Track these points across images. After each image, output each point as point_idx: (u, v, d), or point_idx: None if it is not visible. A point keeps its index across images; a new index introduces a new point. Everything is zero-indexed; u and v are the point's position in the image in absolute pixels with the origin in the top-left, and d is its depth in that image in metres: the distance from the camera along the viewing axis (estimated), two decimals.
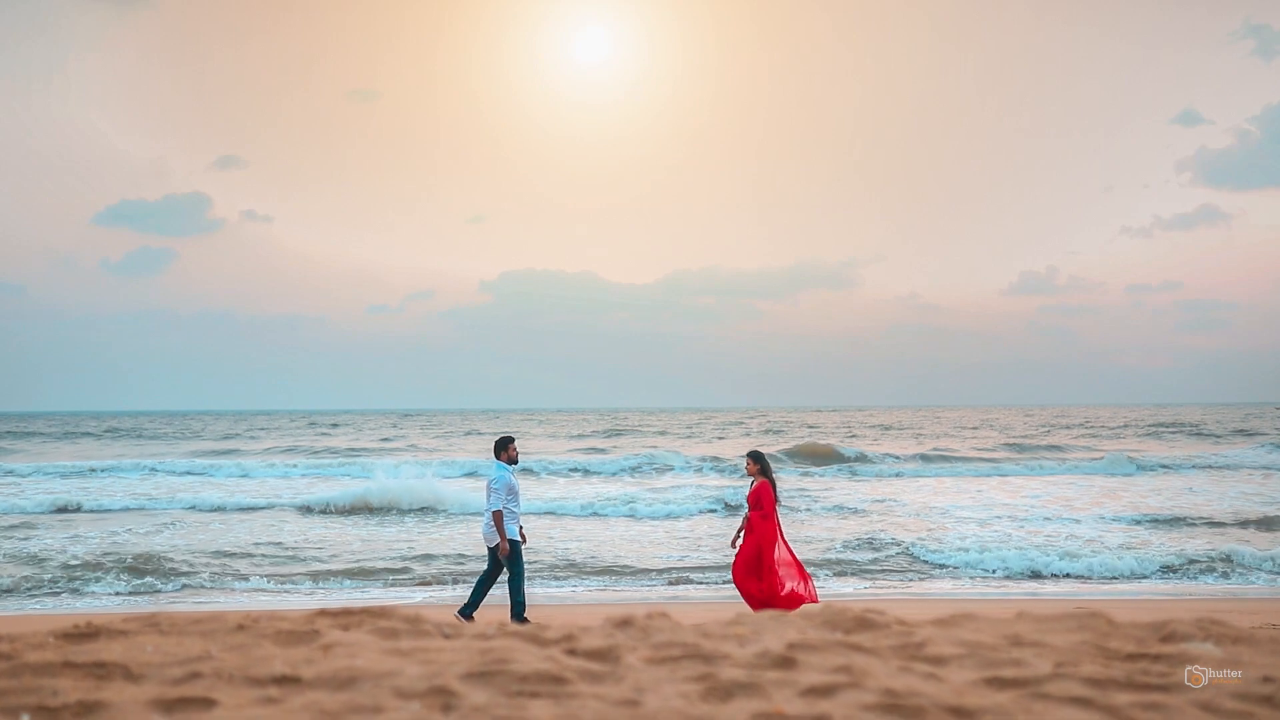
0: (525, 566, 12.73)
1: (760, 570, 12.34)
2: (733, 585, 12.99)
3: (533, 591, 16.69)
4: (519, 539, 12.38)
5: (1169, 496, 29.25)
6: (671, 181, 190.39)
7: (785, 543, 12.60)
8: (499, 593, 12.82)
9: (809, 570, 14.05)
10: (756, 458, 12.83)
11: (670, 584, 17.32)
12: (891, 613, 3.21)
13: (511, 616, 12.25)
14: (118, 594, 16.46)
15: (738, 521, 24.49)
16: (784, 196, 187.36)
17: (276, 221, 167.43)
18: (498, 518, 12.19)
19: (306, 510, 27.40)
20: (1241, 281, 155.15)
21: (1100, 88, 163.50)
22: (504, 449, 12.57)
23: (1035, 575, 17.96)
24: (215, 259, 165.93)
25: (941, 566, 18.71)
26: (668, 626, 3.05)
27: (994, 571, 18.21)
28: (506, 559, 12.26)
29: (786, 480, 36.30)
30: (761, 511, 12.47)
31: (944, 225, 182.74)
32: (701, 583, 17.36)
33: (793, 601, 12.26)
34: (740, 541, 12.58)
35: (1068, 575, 17.84)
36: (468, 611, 12.40)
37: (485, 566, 12.82)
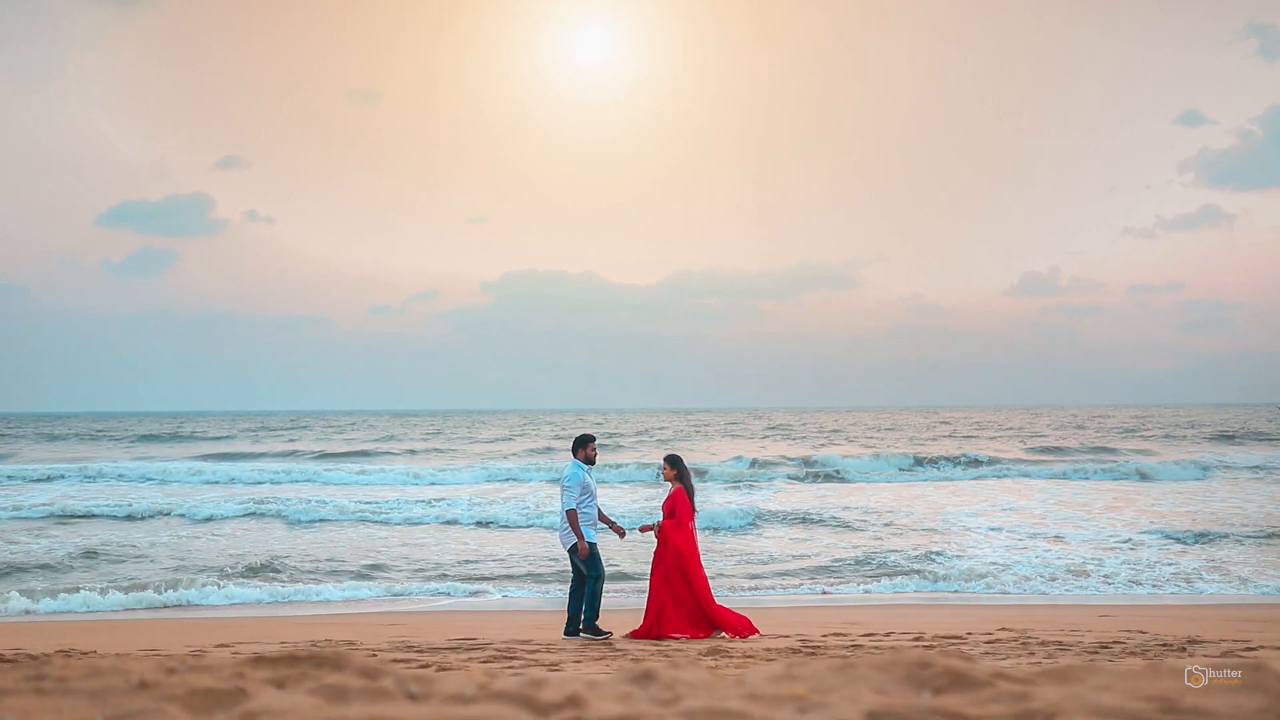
0: (605, 570, 12.14)
1: (690, 582, 11.68)
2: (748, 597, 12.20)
3: (545, 597, 16.00)
4: (595, 541, 11.93)
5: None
6: (671, 181, 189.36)
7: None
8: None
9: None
10: (674, 462, 12.18)
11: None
12: (976, 655, 2.44)
13: (582, 626, 11.80)
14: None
15: (776, 529, 24.00)
16: (784, 196, 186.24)
17: (278, 222, 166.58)
18: (571, 517, 11.81)
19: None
20: (1244, 282, 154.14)
21: (1101, 88, 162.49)
22: (581, 447, 12.21)
23: None
24: (217, 260, 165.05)
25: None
26: (701, 682, 2.33)
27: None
28: (584, 561, 11.81)
29: (799, 489, 35.55)
30: (674, 519, 11.81)
31: (945, 225, 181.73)
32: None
33: (723, 617, 11.71)
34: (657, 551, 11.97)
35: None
36: (572, 629, 11.89)
37: (571, 576, 12.29)
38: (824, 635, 11.72)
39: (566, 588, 16.23)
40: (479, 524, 24.94)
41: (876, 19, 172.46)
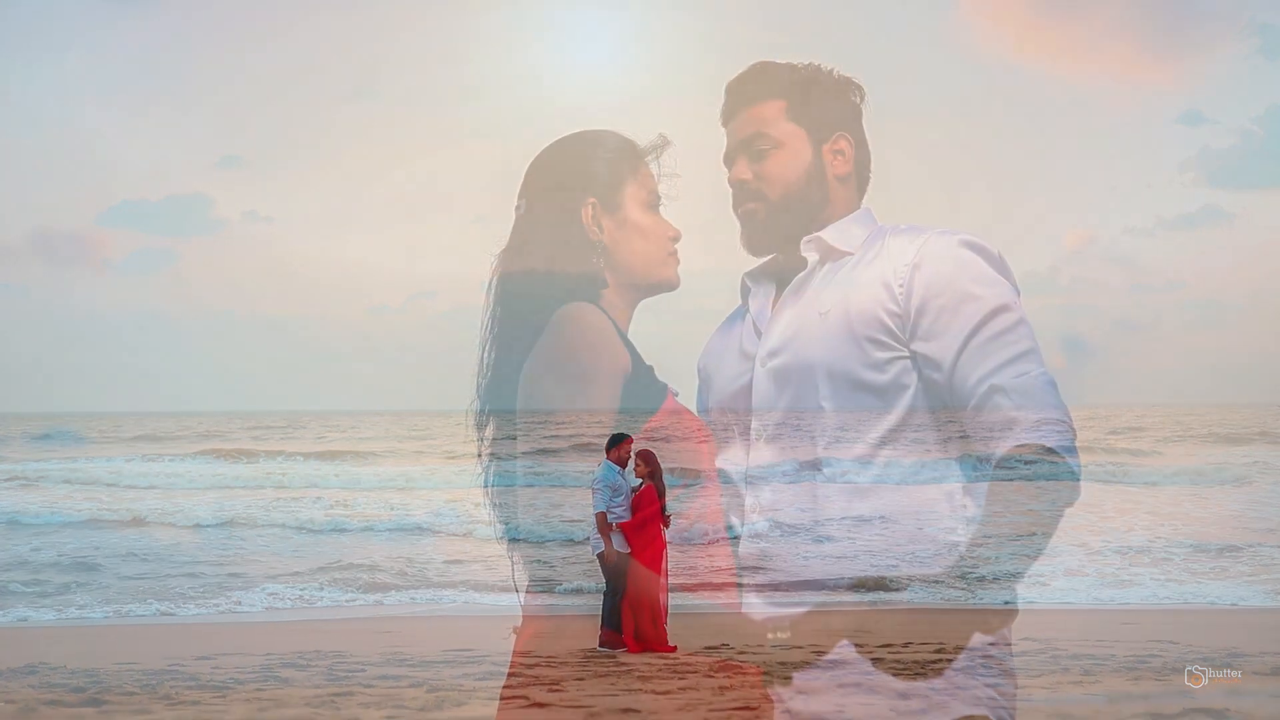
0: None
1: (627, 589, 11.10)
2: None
3: (545, 604, 15.55)
4: (626, 549, 11.15)
5: None
6: (671, 181, 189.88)
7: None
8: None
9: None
10: (647, 458, 11.38)
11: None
12: None
13: (600, 641, 11.18)
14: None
15: (780, 532, 23.44)
16: None
17: (278, 222, 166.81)
18: (600, 520, 11.09)
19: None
20: (1245, 282, 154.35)
21: (1101, 87, 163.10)
22: (614, 447, 11.49)
23: None
24: (217, 260, 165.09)
25: None
26: None
27: None
28: (609, 569, 11.12)
29: (804, 490, 35.04)
30: (638, 520, 11.08)
31: (945, 225, 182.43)
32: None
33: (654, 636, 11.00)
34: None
35: None
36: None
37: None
38: (837, 646, 11.25)
39: (565, 595, 15.83)
40: (477, 526, 24.47)
41: (876, 18, 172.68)
